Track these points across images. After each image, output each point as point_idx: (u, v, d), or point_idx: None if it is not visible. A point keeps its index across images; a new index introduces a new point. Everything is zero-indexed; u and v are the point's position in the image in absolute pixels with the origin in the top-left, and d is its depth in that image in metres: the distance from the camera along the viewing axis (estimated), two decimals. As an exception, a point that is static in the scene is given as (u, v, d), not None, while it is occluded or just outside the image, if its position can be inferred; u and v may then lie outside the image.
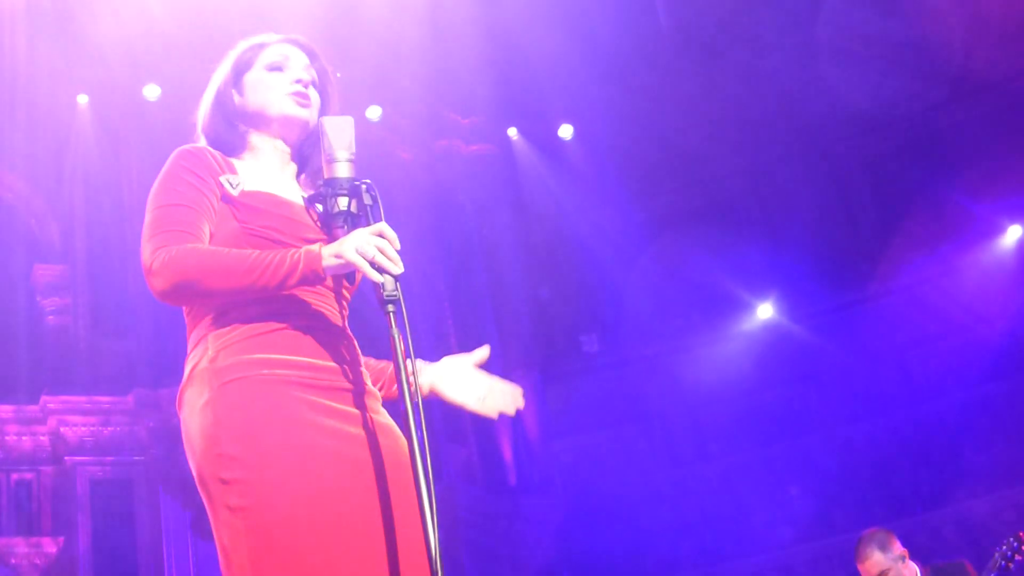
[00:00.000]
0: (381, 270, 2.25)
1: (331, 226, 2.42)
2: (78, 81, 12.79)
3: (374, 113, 13.41)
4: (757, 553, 14.23)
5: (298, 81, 2.56)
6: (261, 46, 2.64)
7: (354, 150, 2.43)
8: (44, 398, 12.09)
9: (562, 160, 15.54)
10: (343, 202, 2.39)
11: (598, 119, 15.04)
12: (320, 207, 2.47)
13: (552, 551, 14.32)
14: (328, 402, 2.34)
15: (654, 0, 14.25)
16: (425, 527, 2.13)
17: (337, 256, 2.27)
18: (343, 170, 2.41)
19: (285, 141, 2.59)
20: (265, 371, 2.30)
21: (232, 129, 2.59)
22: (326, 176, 2.42)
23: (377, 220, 2.36)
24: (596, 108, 14.94)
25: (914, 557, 5.88)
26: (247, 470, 2.23)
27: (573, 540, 14.38)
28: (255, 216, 2.41)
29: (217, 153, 2.52)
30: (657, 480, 15.02)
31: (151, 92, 12.88)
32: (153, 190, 2.45)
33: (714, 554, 14.40)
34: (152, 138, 12.88)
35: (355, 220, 2.39)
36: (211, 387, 2.30)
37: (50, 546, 11.68)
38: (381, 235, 2.28)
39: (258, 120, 2.58)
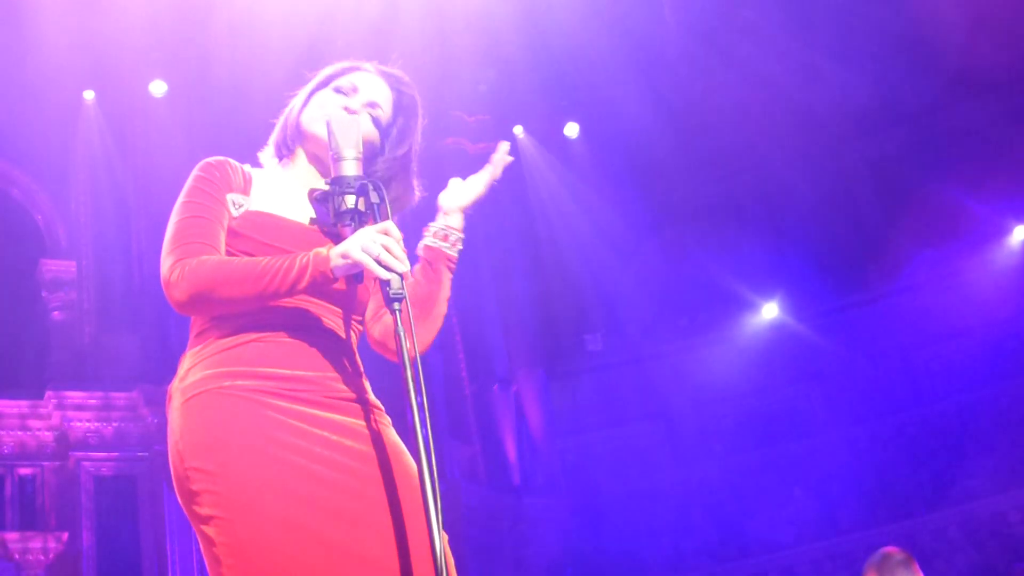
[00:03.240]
0: (387, 268, 2.25)
1: (338, 224, 2.42)
2: (85, 77, 12.80)
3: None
4: (760, 553, 14.23)
5: (347, 108, 2.56)
6: (350, 70, 2.62)
7: (361, 149, 2.44)
8: (49, 393, 12.11)
9: (568, 158, 15.54)
10: (350, 200, 2.40)
11: (604, 118, 15.04)
12: (320, 220, 2.49)
13: (556, 550, 14.33)
14: (308, 410, 2.34)
15: (660, -1, 14.25)
16: (431, 530, 2.12)
17: (344, 256, 2.27)
18: (350, 168, 2.41)
19: (315, 160, 2.60)
20: (227, 383, 2.33)
21: (284, 137, 2.62)
22: (333, 174, 2.43)
23: (384, 218, 2.36)
24: (602, 107, 14.94)
25: (918, 557, 5.84)
26: (211, 481, 2.26)
27: (577, 539, 14.39)
28: (237, 241, 2.44)
29: (239, 166, 2.55)
30: (661, 479, 15.02)
31: (157, 88, 12.90)
32: (176, 203, 2.49)
33: (717, 554, 14.40)
34: (158, 134, 12.89)
35: (362, 218, 2.39)
36: (178, 403, 2.37)
37: (54, 541, 11.70)
38: (387, 233, 2.28)
39: (298, 132, 2.60)
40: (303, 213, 2.53)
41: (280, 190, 2.56)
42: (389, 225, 2.30)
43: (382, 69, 2.64)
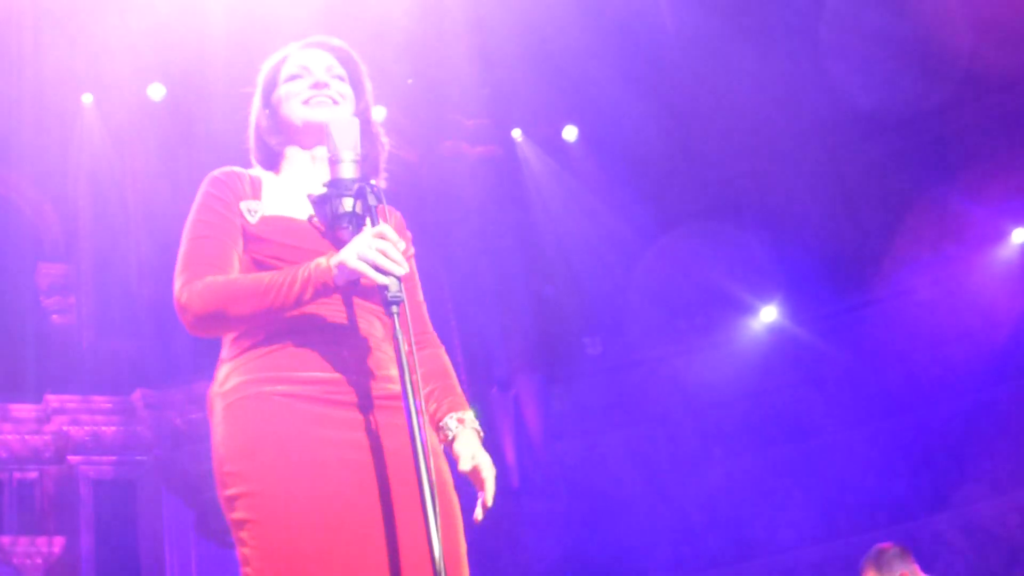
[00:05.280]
0: (384, 272, 2.25)
1: (336, 227, 2.42)
2: (83, 80, 12.80)
3: (378, 114, 13.35)
4: (760, 557, 14.22)
5: (315, 85, 2.59)
6: (282, 60, 2.68)
7: (360, 151, 2.45)
8: (47, 397, 12.10)
9: (566, 162, 15.54)
10: (348, 203, 2.41)
11: (602, 121, 15.04)
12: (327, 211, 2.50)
13: (555, 554, 14.31)
14: (339, 412, 2.37)
15: (659, 0, 14.26)
16: (429, 533, 2.13)
17: (340, 266, 2.29)
18: (348, 171, 2.43)
19: (312, 157, 2.63)
20: (266, 388, 2.36)
21: (271, 149, 2.66)
22: (331, 176, 2.43)
23: (382, 220, 2.36)
24: (600, 109, 14.95)
25: (918, 561, 5.83)
26: (247, 484, 2.30)
27: (576, 543, 14.37)
28: (261, 246, 2.47)
29: (247, 175, 2.58)
30: (660, 483, 15.00)
31: (156, 92, 12.89)
32: (187, 220, 2.52)
33: (717, 557, 14.39)
34: (157, 138, 12.89)
35: (359, 221, 2.40)
36: (218, 409, 2.41)
37: (53, 546, 11.68)
38: (383, 237, 2.28)
39: (289, 133, 2.63)
40: (310, 214, 2.55)
41: (288, 192, 2.57)
42: (385, 228, 2.31)
43: (309, 42, 2.69)
